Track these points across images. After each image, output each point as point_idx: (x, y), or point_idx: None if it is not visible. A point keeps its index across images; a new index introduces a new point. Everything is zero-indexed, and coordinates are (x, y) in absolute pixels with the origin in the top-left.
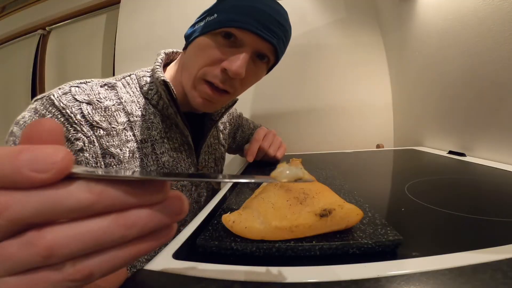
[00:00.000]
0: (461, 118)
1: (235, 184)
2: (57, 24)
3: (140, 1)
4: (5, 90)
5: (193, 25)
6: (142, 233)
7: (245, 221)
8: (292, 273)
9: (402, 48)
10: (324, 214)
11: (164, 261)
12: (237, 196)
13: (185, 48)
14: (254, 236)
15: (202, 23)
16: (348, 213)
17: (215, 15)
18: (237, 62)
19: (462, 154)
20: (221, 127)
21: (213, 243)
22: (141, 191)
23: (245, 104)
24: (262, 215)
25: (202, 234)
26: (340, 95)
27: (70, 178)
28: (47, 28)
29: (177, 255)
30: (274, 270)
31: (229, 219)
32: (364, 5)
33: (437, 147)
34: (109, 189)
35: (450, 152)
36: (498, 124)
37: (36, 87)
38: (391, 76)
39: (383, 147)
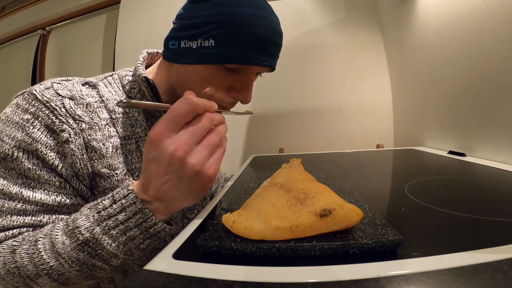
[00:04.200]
0: (461, 118)
1: (235, 184)
2: (57, 24)
3: (140, 1)
4: (5, 90)
5: (177, 38)
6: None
7: (245, 221)
8: (292, 273)
9: (402, 48)
10: (324, 214)
11: (164, 261)
12: (237, 196)
13: (168, 59)
14: (254, 236)
15: (193, 44)
16: (348, 213)
17: (212, 41)
18: (248, 94)
19: (462, 154)
20: None
21: (213, 243)
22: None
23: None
24: (262, 215)
25: (202, 234)
26: (340, 95)
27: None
28: (47, 28)
29: (177, 255)
30: (274, 270)
31: (229, 219)
32: (364, 5)
33: (437, 147)
34: (220, 116)
35: (450, 152)
36: (498, 124)
37: None
38: (391, 76)
39: (383, 147)
